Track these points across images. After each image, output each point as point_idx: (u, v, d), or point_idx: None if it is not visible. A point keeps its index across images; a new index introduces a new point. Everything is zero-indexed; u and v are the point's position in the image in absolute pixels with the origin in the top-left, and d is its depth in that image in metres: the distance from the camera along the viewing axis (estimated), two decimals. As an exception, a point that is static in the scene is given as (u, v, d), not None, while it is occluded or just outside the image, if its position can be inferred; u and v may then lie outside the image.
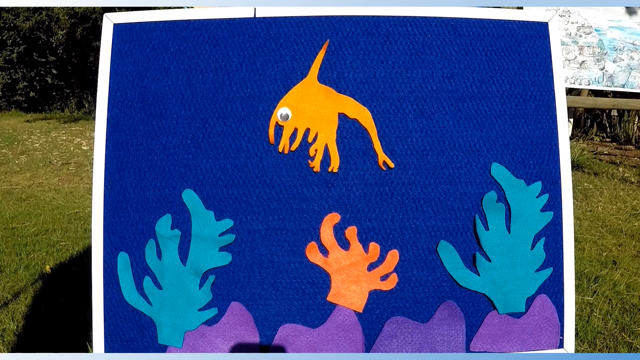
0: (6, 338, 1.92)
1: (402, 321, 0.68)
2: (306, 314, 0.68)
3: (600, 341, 1.88)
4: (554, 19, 0.70)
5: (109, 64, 0.69)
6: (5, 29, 8.48)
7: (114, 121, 0.68)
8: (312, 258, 0.67)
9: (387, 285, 0.68)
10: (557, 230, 0.69)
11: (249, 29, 0.68)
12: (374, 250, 0.67)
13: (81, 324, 1.97)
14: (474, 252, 0.68)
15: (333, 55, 0.68)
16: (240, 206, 0.67)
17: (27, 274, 2.54)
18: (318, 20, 0.68)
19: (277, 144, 0.67)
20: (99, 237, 0.68)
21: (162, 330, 0.67)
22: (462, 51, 0.68)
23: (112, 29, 0.69)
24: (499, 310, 0.68)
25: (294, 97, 0.67)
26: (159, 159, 0.68)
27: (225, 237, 0.67)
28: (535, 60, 0.70)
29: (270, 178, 0.67)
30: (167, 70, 0.68)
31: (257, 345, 0.67)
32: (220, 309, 0.68)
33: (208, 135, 0.67)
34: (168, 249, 0.67)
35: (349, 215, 0.67)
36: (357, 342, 0.68)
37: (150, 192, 0.68)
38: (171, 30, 0.68)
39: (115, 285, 0.68)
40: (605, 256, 2.70)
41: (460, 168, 0.67)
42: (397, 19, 0.68)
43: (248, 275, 0.68)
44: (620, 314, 2.11)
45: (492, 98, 0.68)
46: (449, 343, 0.68)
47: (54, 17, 8.34)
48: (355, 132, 0.67)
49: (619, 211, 3.39)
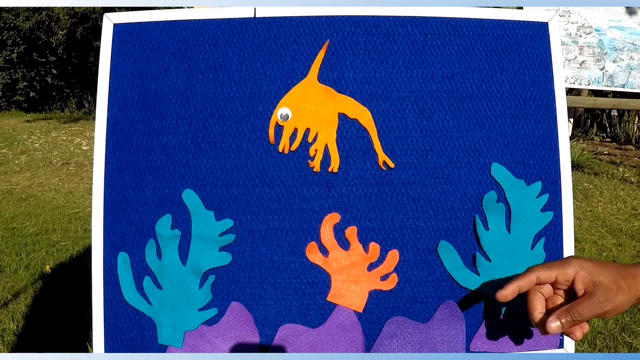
0: (6, 338, 1.92)
1: (402, 321, 0.68)
2: (306, 314, 0.68)
3: (600, 341, 1.88)
4: (554, 19, 0.70)
5: (109, 64, 0.69)
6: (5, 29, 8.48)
7: (114, 121, 0.68)
8: (312, 258, 0.67)
9: (387, 285, 0.68)
10: (557, 230, 0.69)
11: (249, 29, 0.68)
12: (374, 250, 0.67)
13: (81, 324, 1.97)
14: (474, 252, 0.68)
15: (333, 55, 0.68)
16: (240, 206, 0.67)
17: (27, 274, 2.54)
18: (318, 20, 0.68)
19: (277, 144, 0.67)
20: (99, 237, 0.68)
21: (162, 330, 0.67)
22: (462, 51, 0.68)
23: (112, 29, 0.69)
24: (499, 310, 0.68)
25: (294, 97, 0.67)
26: (159, 159, 0.68)
27: (225, 237, 0.67)
28: (535, 60, 0.70)
29: (270, 178, 0.67)
30: (167, 70, 0.68)
31: (257, 345, 0.67)
32: (220, 309, 0.68)
33: (208, 135, 0.67)
34: (168, 249, 0.67)
35: (349, 215, 0.67)
36: (357, 342, 0.68)
37: (150, 192, 0.68)
38: (171, 30, 0.68)
39: (115, 285, 0.68)
40: (605, 256, 2.70)
41: (460, 168, 0.67)
42: (397, 19, 0.68)
43: (248, 275, 0.68)
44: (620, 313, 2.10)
45: (492, 98, 0.68)
46: (449, 343, 0.68)
47: (54, 17, 8.34)
48: (355, 132, 0.67)
49: (619, 211, 3.39)
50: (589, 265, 0.57)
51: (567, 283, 0.57)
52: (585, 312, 0.55)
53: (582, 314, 0.55)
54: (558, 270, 0.57)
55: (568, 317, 0.56)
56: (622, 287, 0.56)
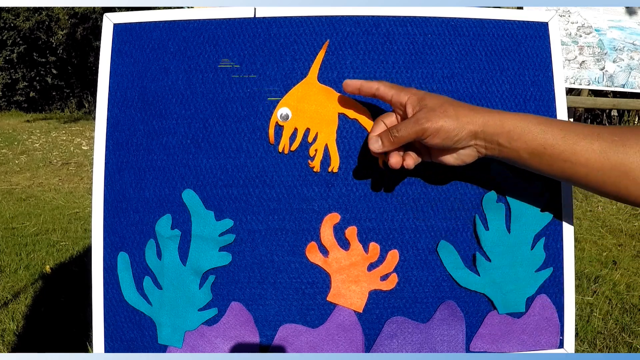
0: (6, 338, 1.92)
1: (402, 321, 0.68)
2: (306, 314, 0.68)
3: (600, 341, 1.88)
4: (554, 19, 0.70)
5: (109, 64, 0.69)
6: (5, 29, 8.49)
7: (114, 121, 0.68)
8: (312, 258, 0.67)
9: (387, 285, 0.68)
10: (557, 230, 0.69)
11: (249, 29, 0.68)
12: (374, 250, 0.67)
13: (81, 324, 1.97)
14: (474, 252, 0.68)
15: (333, 56, 0.68)
16: (240, 206, 0.67)
17: (27, 274, 2.54)
18: (318, 20, 0.68)
19: (277, 144, 0.67)
20: (99, 237, 0.68)
21: (162, 330, 0.67)
22: (462, 51, 0.68)
23: (112, 29, 0.69)
24: (499, 310, 0.68)
25: (294, 97, 0.67)
26: (159, 159, 0.68)
27: (225, 237, 0.67)
28: (535, 60, 0.70)
29: (270, 178, 0.67)
30: (167, 70, 0.68)
31: (257, 345, 0.67)
32: (220, 309, 0.68)
33: (208, 135, 0.67)
34: (168, 249, 0.67)
35: (349, 215, 0.67)
36: (357, 342, 0.68)
37: (150, 192, 0.68)
38: (171, 30, 0.68)
39: (115, 285, 0.68)
40: (605, 256, 2.70)
41: (460, 168, 0.67)
42: (397, 19, 0.68)
43: (248, 275, 0.68)
44: (620, 314, 2.11)
45: (492, 98, 0.68)
46: (449, 343, 0.68)
47: (54, 17, 8.34)
48: (355, 132, 0.67)
49: (619, 211, 3.39)
50: (422, 93, 0.58)
51: (401, 107, 0.58)
52: (403, 129, 0.56)
53: (399, 130, 0.56)
54: (395, 91, 0.58)
55: (388, 136, 0.57)
56: (448, 112, 0.55)
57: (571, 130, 0.53)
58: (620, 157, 0.51)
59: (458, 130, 0.55)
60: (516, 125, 0.54)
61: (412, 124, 0.56)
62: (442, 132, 0.55)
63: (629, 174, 0.51)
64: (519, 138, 0.54)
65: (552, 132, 0.53)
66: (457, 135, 0.55)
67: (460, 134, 0.55)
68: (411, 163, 0.59)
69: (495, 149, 0.56)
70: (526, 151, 0.54)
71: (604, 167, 0.52)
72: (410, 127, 0.56)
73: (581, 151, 0.52)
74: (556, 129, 0.53)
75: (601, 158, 0.51)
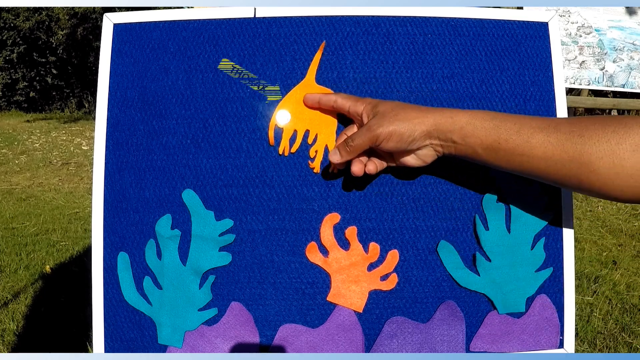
0: (6, 338, 1.92)
1: (402, 321, 0.68)
2: (306, 314, 0.68)
3: (600, 341, 1.88)
4: (554, 19, 0.70)
5: (109, 64, 0.69)
6: (5, 29, 8.49)
7: (114, 121, 0.68)
8: (312, 258, 0.67)
9: (387, 285, 0.68)
10: (557, 230, 0.69)
11: (249, 29, 0.68)
12: (374, 250, 0.67)
13: (81, 324, 1.98)
14: (474, 252, 0.68)
15: (333, 56, 0.68)
16: (240, 206, 0.67)
17: (27, 274, 2.54)
18: (318, 20, 0.68)
19: (277, 145, 0.67)
20: (99, 237, 0.68)
21: (162, 330, 0.67)
22: (462, 51, 0.68)
23: (112, 29, 0.69)
24: (499, 310, 0.68)
25: (293, 100, 0.67)
26: (159, 159, 0.68)
27: (225, 237, 0.67)
28: (535, 60, 0.70)
29: (270, 178, 0.67)
30: (167, 70, 0.68)
31: (257, 345, 0.67)
32: (220, 309, 0.68)
33: (208, 135, 0.67)
34: (168, 249, 0.67)
35: (349, 215, 0.67)
36: (357, 342, 0.68)
37: (150, 192, 0.68)
38: (171, 30, 0.68)
39: (115, 285, 0.68)
40: (605, 256, 2.70)
41: (460, 168, 0.67)
42: (397, 19, 0.68)
43: (248, 275, 0.68)
44: (620, 314, 2.11)
45: (492, 98, 0.68)
46: (449, 343, 0.68)
47: (54, 17, 8.34)
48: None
49: (619, 211, 3.39)
50: (376, 101, 0.60)
51: (358, 117, 0.61)
52: (357, 138, 0.58)
53: (354, 139, 0.58)
54: (351, 103, 0.61)
55: (344, 146, 0.59)
56: (399, 116, 0.56)
57: (526, 123, 0.53)
58: (578, 148, 0.50)
59: (410, 132, 0.56)
60: (468, 122, 0.54)
61: (365, 132, 0.57)
62: (394, 135, 0.56)
63: (589, 165, 0.49)
64: (472, 134, 0.54)
65: (505, 127, 0.53)
66: (410, 136, 0.56)
67: (413, 134, 0.56)
68: (372, 169, 0.61)
69: (451, 146, 0.56)
70: (481, 147, 0.54)
71: (563, 159, 0.51)
72: (364, 135, 0.57)
73: (537, 144, 0.52)
74: (510, 123, 0.53)
75: (559, 150, 0.51)
